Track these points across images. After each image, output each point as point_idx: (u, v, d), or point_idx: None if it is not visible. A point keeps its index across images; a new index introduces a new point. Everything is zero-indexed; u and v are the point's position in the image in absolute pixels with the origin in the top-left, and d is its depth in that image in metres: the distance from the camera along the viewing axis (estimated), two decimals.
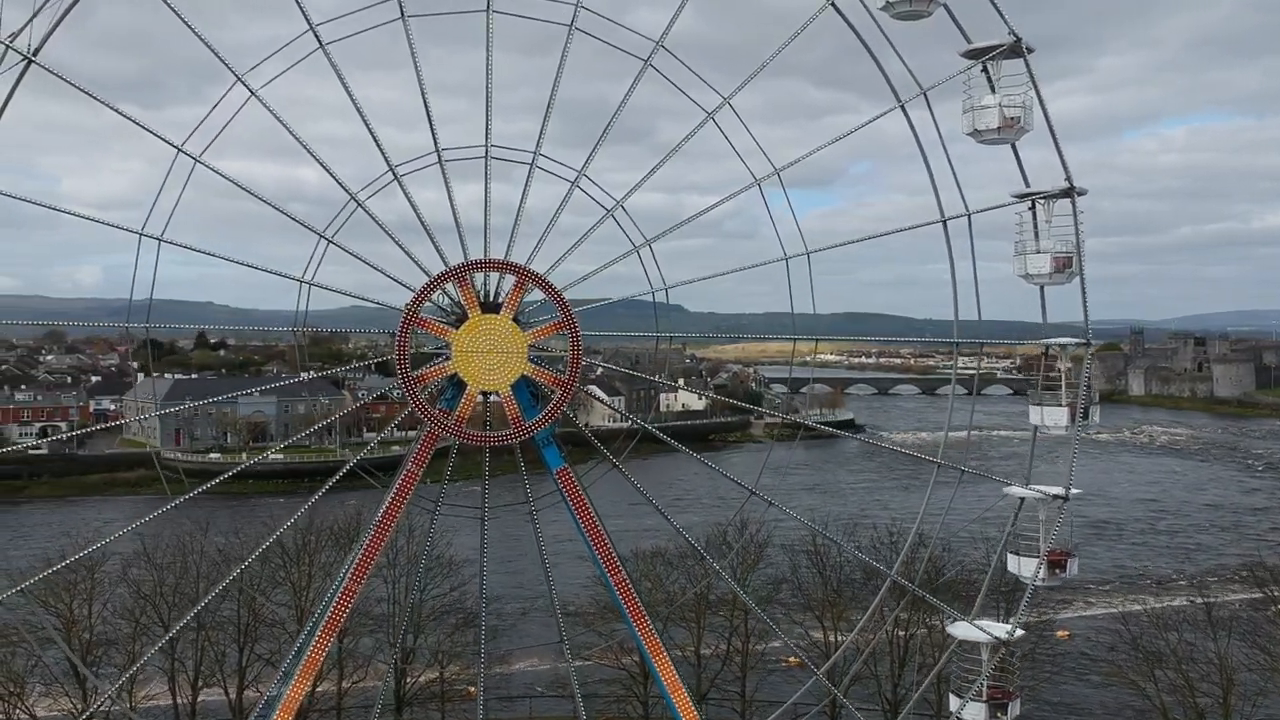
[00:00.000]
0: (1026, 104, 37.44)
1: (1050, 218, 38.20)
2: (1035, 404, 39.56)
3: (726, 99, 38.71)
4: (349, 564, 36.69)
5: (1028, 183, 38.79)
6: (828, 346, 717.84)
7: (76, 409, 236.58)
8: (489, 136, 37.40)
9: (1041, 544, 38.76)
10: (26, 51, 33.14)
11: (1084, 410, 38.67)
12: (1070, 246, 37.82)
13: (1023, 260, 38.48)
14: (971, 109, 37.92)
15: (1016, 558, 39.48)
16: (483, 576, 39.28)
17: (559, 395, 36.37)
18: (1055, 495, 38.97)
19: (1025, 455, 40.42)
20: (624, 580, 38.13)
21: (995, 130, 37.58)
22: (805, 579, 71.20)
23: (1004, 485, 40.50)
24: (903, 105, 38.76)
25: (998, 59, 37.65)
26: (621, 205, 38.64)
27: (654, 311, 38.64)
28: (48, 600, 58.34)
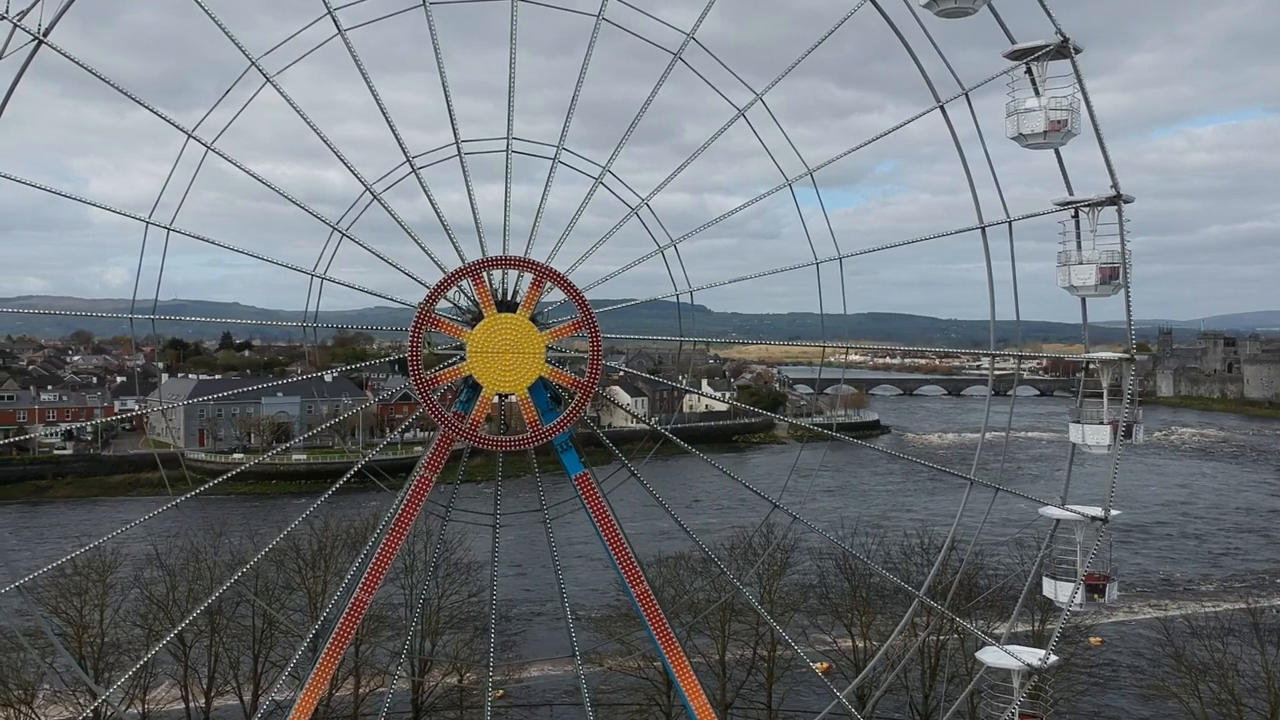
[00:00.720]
0: (1073, 106, 35.66)
1: (1095, 226, 36.38)
2: (1075, 421, 37.52)
3: (759, 95, 37.20)
4: (353, 570, 35.31)
5: (1071, 189, 36.91)
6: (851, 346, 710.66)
7: (101, 409, 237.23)
8: (510, 128, 36.08)
9: (1079, 567, 36.84)
10: (36, 31, 32.42)
11: (1127, 428, 36.72)
12: (1116, 256, 35.93)
13: (1066, 271, 36.55)
14: (1015, 112, 36.16)
15: (1053, 581, 37.58)
16: (493, 585, 37.83)
17: (578, 397, 34.87)
18: (1094, 517, 37.04)
19: (1054, 459, 38.54)
20: (646, 591, 36.56)
21: (1041, 134, 35.83)
22: (833, 585, 69.41)
23: (1040, 505, 38.63)
24: (942, 106, 37.01)
25: (1043, 60, 35.86)
26: (647, 204, 37.20)
27: (677, 313, 37.18)
28: (58, 605, 57.43)
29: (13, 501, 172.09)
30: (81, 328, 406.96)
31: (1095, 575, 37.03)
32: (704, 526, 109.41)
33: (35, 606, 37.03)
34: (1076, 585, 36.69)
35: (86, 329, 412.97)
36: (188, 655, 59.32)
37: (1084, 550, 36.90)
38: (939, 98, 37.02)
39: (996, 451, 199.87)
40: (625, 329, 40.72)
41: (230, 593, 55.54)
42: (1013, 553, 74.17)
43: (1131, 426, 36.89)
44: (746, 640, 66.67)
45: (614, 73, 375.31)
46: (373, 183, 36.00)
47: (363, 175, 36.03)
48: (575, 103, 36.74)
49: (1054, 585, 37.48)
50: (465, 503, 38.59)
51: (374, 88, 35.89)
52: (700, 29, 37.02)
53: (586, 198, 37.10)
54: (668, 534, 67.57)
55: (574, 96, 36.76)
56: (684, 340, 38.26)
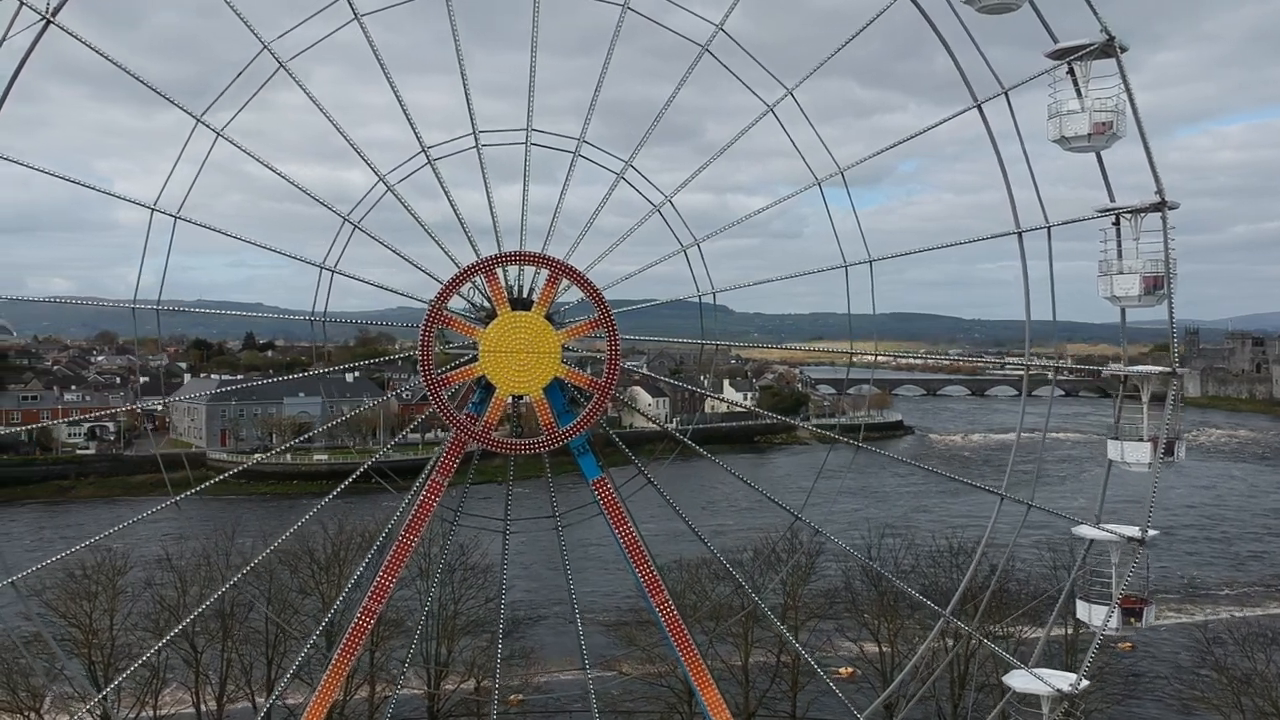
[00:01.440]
0: (1119, 108, 34.12)
1: (1138, 234, 34.76)
2: (1113, 438, 35.97)
3: (790, 90, 35.80)
4: (357, 575, 34.10)
5: (1112, 195, 35.36)
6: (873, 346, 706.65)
7: (124, 409, 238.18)
8: (530, 120, 34.77)
9: (1114, 589, 35.11)
10: (45, 11, 31.80)
11: (1168, 445, 34.93)
12: (1161, 265, 34.28)
13: (1108, 281, 35.00)
14: (1058, 114, 34.71)
15: (1086, 604, 35.90)
16: (502, 592, 36.52)
17: (595, 399, 33.49)
18: (1131, 538, 35.31)
19: (1080, 460, 36.93)
20: (665, 600, 35.14)
21: (1085, 137, 34.37)
22: (859, 591, 67.73)
23: (1074, 524, 36.95)
24: (980, 105, 35.36)
25: (1087, 59, 34.24)
26: (670, 201, 35.86)
27: (699, 315, 35.85)
28: (68, 609, 56.51)
29: (34, 500, 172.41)
30: (87, 319, 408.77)
31: (1132, 598, 35.33)
32: (723, 528, 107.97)
33: (30, 603, 35.98)
34: (1111, 608, 34.98)
35: (111, 329, 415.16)
36: (199, 660, 58.26)
37: (1120, 572, 35.24)
38: (976, 96, 35.42)
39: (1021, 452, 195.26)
40: (646, 329, 39.38)
41: (243, 597, 54.64)
42: (1042, 556, 72.33)
43: (1174, 443, 35.17)
44: (769, 646, 65.17)
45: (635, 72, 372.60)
46: (386, 173, 34.79)
47: (377, 166, 34.84)
48: (598, 93, 35.50)
49: (1088, 608, 35.78)
50: (479, 505, 37.31)
51: (389, 73, 34.72)
52: (712, 42, 35.81)
53: (608, 193, 35.91)
54: (688, 535, 66.12)
55: (597, 87, 35.58)
56: (705, 343, 37.17)
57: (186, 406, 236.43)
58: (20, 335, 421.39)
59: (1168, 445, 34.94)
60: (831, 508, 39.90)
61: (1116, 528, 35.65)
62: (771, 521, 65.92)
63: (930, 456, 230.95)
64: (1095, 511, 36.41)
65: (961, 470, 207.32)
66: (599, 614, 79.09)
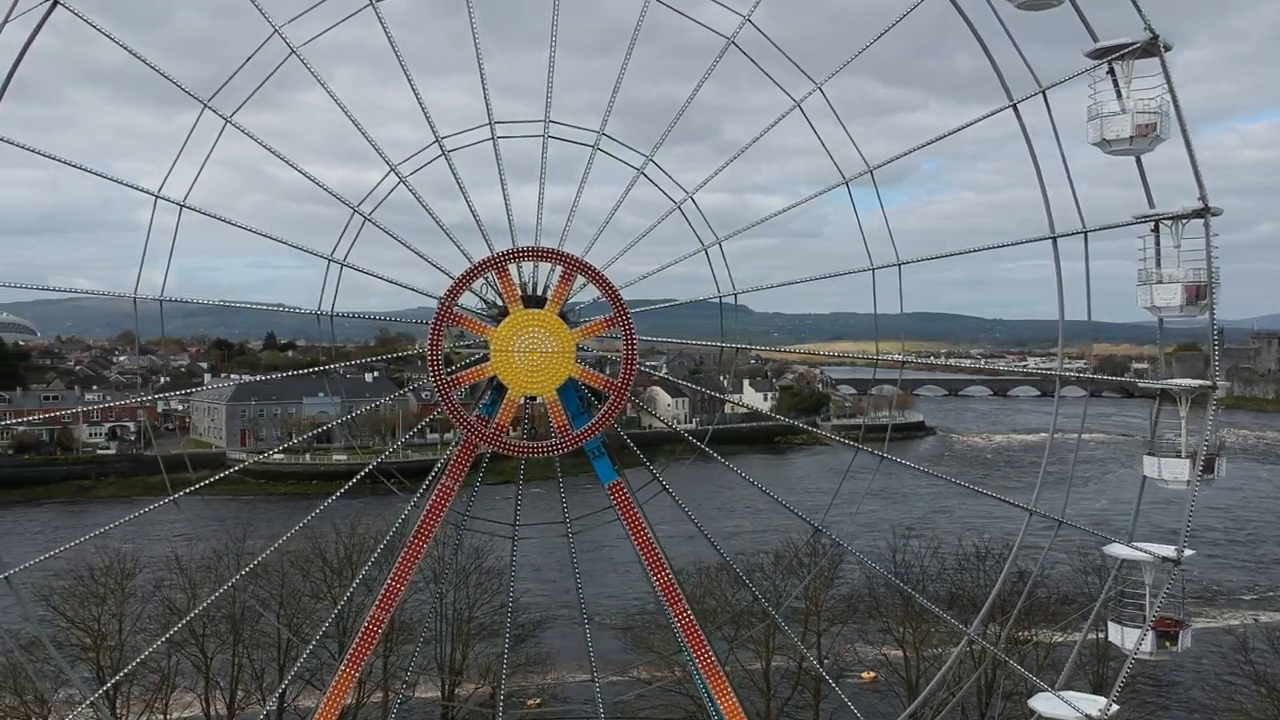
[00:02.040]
0: (1163, 109, 32.59)
1: (1179, 241, 33.21)
2: (1149, 454, 34.42)
3: (819, 85, 34.42)
4: (355, 583, 32.97)
5: (1152, 201, 33.82)
6: (896, 347, 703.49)
7: (144, 409, 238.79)
8: (548, 111, 33.61)
9: (1147, 611, 33.55)
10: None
11: (1208, 462, 33.30)
12: (1203, 274, 32.71)
13: (1148, 291, 33.46)
14: (1098, 116, 33.19)
15: (1119, 626, 34.26)
16: (510, 598, 35.39)
17: (611, 400, 32.23)
18: (1165, 558, 33.71)
19: (1104, 461, 35.40)
20: (685, 611, 33.85)
21: (1127, 140, 32.82)
22: (883, 596, 66.13)
23: (1104, 543, 35.45)
24: (1015, 105, 33.84)
25: (1128, 58, 32.72)
26: (692, 198, 34.62)
27: (720, 316, 34.66)
28: (77, 614, 55.65)
29: (54, 500, 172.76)
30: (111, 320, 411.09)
31: (1167, 620, 33.69)
32: (742, 530, 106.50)
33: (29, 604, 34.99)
34: (1144, 631, 33.41)
35: (133, 329, 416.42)
36: (209, 665, 57.26)
37: (1154, 593, 33.65)
38: (1011, 95, 33.94)
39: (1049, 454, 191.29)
40: (664, 329, 38.11)
41: (253, 601, 53.69)
42: (1070, 558, 70.60)
43: (1214, 460, 33.57)
44: (791, 651, 63.74)
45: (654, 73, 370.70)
46: (399, 163, 33.66)
47: (390, 158, 33.74)
48: (620, 83, 34.27)
49: (1120, 631, 34.14)
50: (491, 506, 36.14)
51: (402, 59, 33.62)
52: (738, 34, 34.62)
53: (628, 188, 34.72)
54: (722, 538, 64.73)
55: (619, 78, 34.35)
56: (725, 346, 36.17)
57: (207, 406, 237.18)
58: (44, 335, 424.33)
59: (1207, 462, 33.36)
60: (854, 515, 38.43)
61: (1150, 547, 34.05)
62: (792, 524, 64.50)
63: (952, 458, 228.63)
64: (1127, 528, 35.03)
65: (984, 473, 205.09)
66: (616, 617, 77.91)
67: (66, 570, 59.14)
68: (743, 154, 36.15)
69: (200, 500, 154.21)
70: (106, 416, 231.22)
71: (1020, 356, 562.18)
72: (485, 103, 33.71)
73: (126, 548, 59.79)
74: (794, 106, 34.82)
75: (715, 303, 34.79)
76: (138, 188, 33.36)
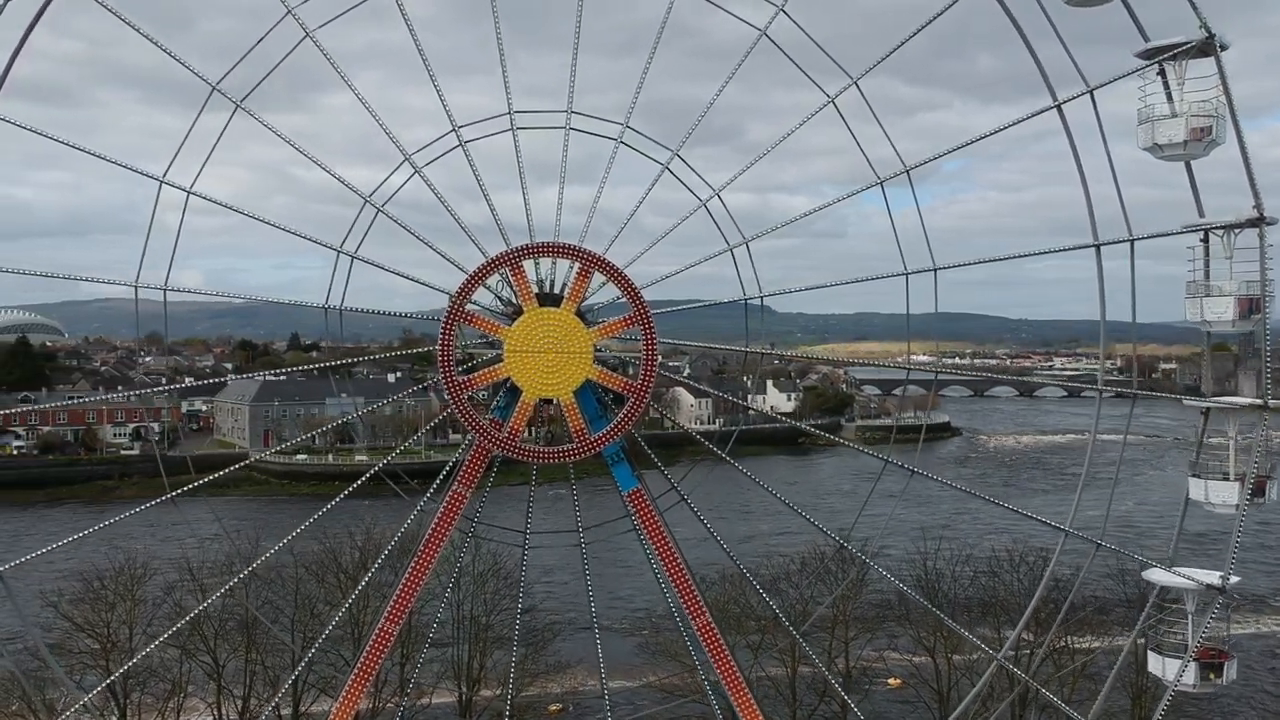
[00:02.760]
0: (1219, 112, 30.83)
1: (1231, 251, 31.43)
2: (1194, 475, 32.69)
3: (855, 80, 32.88)
4: (356, 592, 31.55)
5: (1202, 210, 32.02)
6: (920, 347, 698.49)
7: (168, 409, 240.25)
8: (571, 101, 32.23)
9: (1190, 641, 31.76)
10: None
11: (1258, 484, 31.59)
12: (1256, 286, 31.04)
13: (1198, 304, 31.79)
14: (1150, 119, 31.46)
15: (1159, 657, 32.57)
16: (520, 605, 33.95)
17: (631, 403, 30.70)
18: (1210, 585, 31.90)
19: (1133, 463, 33.55)
20: (709, 624, 32.32)
21: (1180, 144, 31.15)
22: (912, 603, 64.13)
23: (1144, 568, 33.67)
24: (1060, 105, 32.03)
25: (1182, 58, 30.92)
26: (718, 195, 33.13)
27: (745, 317, 33.15)
28: (87, 619, 54.50)
29: (77, 500, 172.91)
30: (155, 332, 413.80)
31: (1210, 650, 31.90)
32: (763, 532, 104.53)
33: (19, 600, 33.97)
34: (1186, 661, 31.61)
35: (159, 330, 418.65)
36: (221, 672, 55.95)
37: (1197, 622, 31.86)
38: (1056, 96, 32.13)
39: (1073, 455, 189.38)
40: (687, 330, 36.58)
41: (266, 609, 52.49)
42: (1106, 563, 68.42)
43: (1264, 483, 31.74)
44: (819, 646, 61.85)
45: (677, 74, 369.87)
46: (413, 153, 32.31)
47: (403, 145, 32.43)
48: (646, 74, 32.83)
49: (1160, 661, 32.40)
50: (506, 509, 34.73)
51: (414, 30, 32.24)
52: (770, 25, 33.17)
53: (652, 183, 33.34)
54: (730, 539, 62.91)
55: (645, 68, 32.84)
56: (751, 351, 34.66)
57: (230, 407, 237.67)
58: (71, 336, 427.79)
59: (1256, 485, 31.60)
60: (881, 529, 36.77)
61: (1194, 573, 32.26)
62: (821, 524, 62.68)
63: (979, 459, 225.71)
64: (1159, 538, 33.22)
65: (1012, 475, 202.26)
66: (634, 622, 76.44)
67: (76, 574, 58.20)
68: (768, 153, 34.67)
69: (229, 501, 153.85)
70: (131, 417, 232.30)
71: (1046, 356, 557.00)
72: (505, 90, 32.33)
73: (138, 548, 58.72)
74: (828, 102, 33.28)
75: (738, 302, 33.31)
76: (144, 173, 32.15)
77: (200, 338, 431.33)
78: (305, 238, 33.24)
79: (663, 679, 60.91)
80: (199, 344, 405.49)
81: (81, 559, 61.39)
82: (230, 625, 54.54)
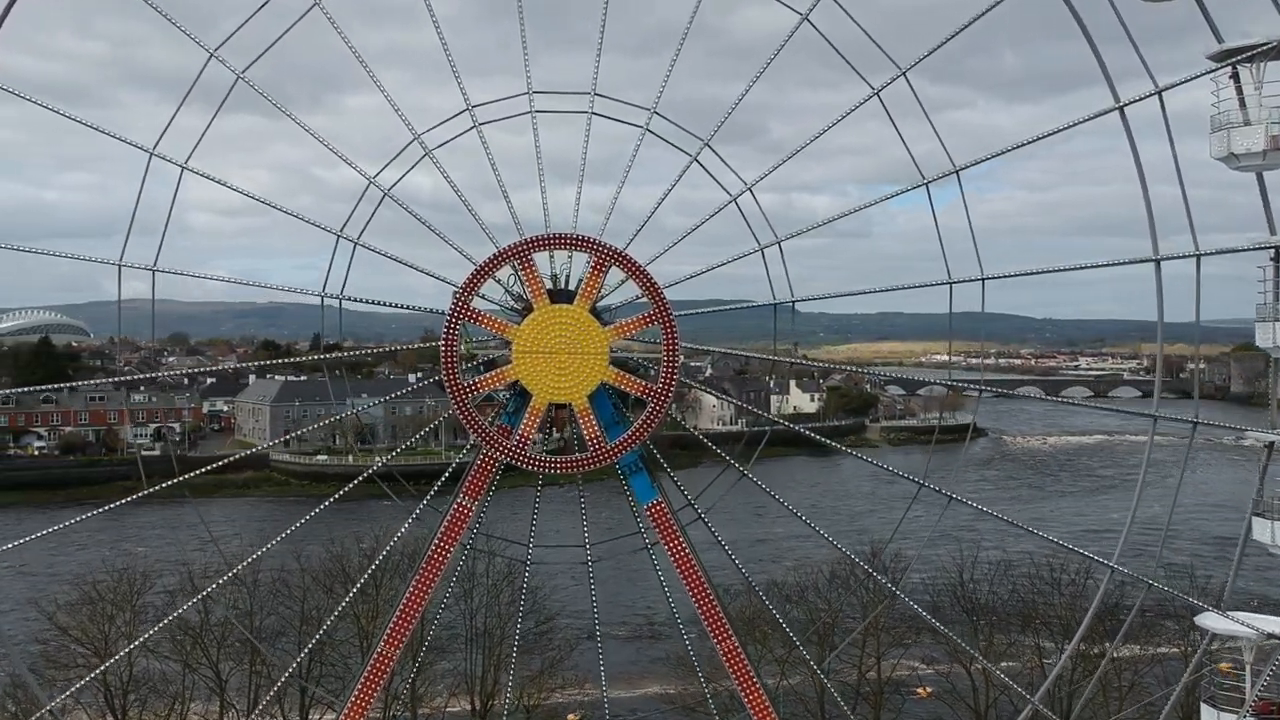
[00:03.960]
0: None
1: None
2: (1259, 515, 30.09)
3: (904, 71, 30.28)
4: (342, 607, 29.32)
5: (1274, 227, 29.50)
6: (942, 346, 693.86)
7: (189, 410, 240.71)
8: (595, 83, 29.93)
9: (1248, 695, 29.31)
10: None
11: None
12: None
13: (1270, 329, 29.52)
14: (1224, 127, 29.05)
15: (1213, 709, 30.13)
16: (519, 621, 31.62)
17: (650, 408, 28.27)
18: (1271, 634, 29.35)
19: (1163, 465, 31.04)
20: (734, 648, 29.79)
21: (1259, 154, 28.70)
22: (947, 613, 61.45)
23: (1198, 612, 31.04)
24: (1122, 107, 29.37)
25: (1260, 60, 28.48)
26: (751, 191, 30.59)
27: (774, 321, 30.70)
28: (85, 629, 52.39)
29: (96, 501, 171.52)
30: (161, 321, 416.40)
31: (1268, 703, 29.52)
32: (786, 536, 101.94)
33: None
34: (1243, 716, 29.13)
35: (182, 330, 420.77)
36: (224, 686, 53.67)
37: (1254, 672, 29.37)
38: (1119, 97, 29.42)
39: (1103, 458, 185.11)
40: (708, 330, 34.19)
41: (269, 622, 50.32)
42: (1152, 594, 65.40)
43: None
44: (847, 672, 59.37)
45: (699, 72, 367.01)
46: (423, 132, 30.03)
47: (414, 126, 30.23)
48: (678, 57, 30.41)
49: (1215, 715, 29.92)
50: (519, 515, 32.35)
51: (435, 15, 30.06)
52: (785, 26, 30.77)
53: (681, 173, 30.70)
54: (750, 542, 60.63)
55: (680, 44, 30.42)
56: (780, 359, 32.39)
57: (251, 407, 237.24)
58: (97, 336, 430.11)
59: None
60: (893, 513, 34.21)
61: (1252, 619, 29.64)
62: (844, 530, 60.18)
63: (1005, 460, 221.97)
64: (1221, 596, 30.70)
65: (1028, 471, 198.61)
66: (656, 630, 74.19)
67: (73, 582, 56.17)
68: (806, 146, 32.10)
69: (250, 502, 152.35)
70: (151, 417, 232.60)
71: (1071, 356, 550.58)
72: (524, 65, 29.98)
73: (141, 551, 56.64)
74: (873, 94, 30.59)
75: (756, 301, 30.88)
76: (132, 143, 29.97)
77: (224, 338, 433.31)
78: (300, 218, 30.95)
79: (683, 689, 58.76)
80: (222, 344, 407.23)
81: (83, 562, 59.35)
82: (231, 638, 52.26)
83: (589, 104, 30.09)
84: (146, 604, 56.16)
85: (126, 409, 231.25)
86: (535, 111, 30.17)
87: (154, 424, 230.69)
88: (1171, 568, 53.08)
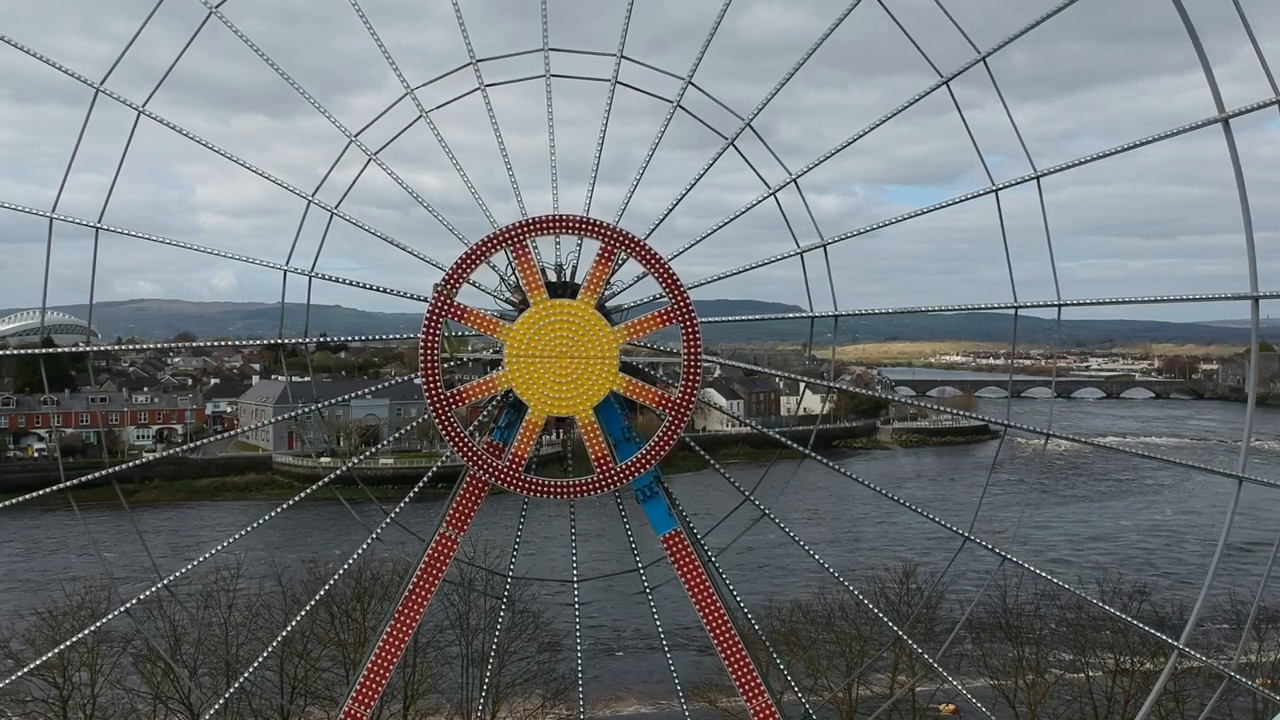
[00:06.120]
0: None
1: None
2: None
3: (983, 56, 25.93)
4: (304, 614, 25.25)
5: None
6: (953, 347, 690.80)
7: (192, 412, 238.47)
8: (623, 45, 25.94)
9: None
10: None
11: None
12: None
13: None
14: None
15: None
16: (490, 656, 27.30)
17: (669, 423, 23.86)
18: None
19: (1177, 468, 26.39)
20: (758, 687, 25.51)
21: None
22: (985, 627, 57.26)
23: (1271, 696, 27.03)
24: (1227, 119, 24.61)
25: None
26: (795, 181, 26.31)
27: (810, 332, 28.09)
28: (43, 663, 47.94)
29: (98, 502, 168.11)
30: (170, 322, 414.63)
31: None
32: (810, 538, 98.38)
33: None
34: None
35: (189, 331, 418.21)
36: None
37: None
38: (1223, 107, 24.75)
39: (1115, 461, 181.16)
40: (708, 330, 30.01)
41: (247, 650, 46.17)
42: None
43: None
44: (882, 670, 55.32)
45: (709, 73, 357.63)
46: (417, 87, 26.14)
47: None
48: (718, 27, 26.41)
49: None
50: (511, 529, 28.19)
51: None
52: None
53: (717, 155, 26.51)
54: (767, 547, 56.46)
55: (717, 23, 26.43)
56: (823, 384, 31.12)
57: (255, 409, 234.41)
58: (106, 338, 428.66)
59: None
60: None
61: None
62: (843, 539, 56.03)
63: (1017, 463, 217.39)
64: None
65: (1038, 473, 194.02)
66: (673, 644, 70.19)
67: (63, 571, 51.89)
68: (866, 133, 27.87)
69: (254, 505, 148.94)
70: (154, 419, 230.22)
71: (1081, 356, 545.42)
72: (542, 19, 25.91)
73: (110, 557, 52.27)
74: (942, 83, 25.99)
75: (769, 301, 26.98)
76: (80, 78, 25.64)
77: (230, 338, 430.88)
78: (267, 177, 26.81)
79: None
80: (226, 345, 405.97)
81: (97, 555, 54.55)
82: (209, 659, 47.85)
83: (614, 68, 25.93)
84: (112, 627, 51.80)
85: (129, 410, 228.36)
86: (551, 75, 26.05)
87: (156, 426, 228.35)
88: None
